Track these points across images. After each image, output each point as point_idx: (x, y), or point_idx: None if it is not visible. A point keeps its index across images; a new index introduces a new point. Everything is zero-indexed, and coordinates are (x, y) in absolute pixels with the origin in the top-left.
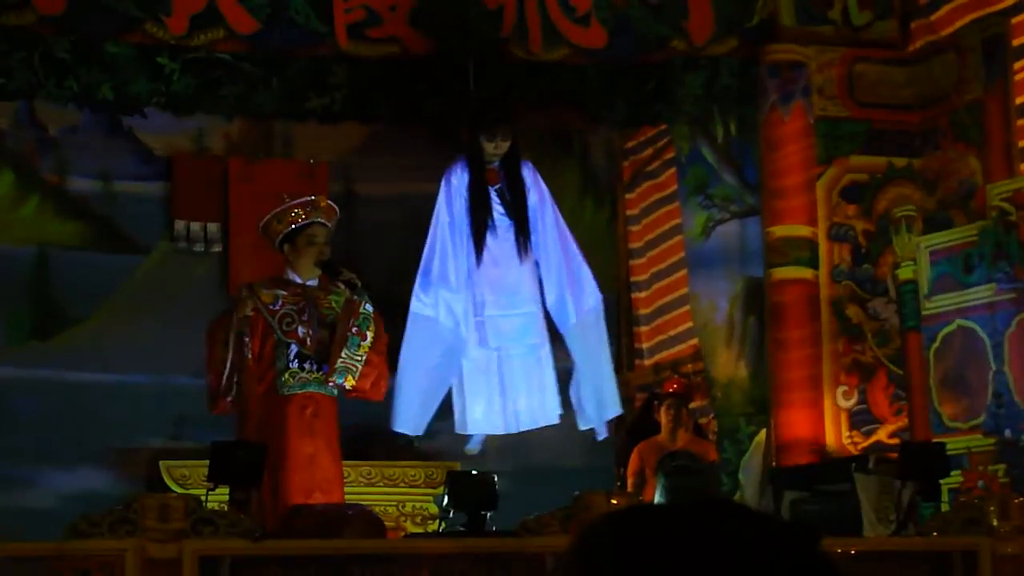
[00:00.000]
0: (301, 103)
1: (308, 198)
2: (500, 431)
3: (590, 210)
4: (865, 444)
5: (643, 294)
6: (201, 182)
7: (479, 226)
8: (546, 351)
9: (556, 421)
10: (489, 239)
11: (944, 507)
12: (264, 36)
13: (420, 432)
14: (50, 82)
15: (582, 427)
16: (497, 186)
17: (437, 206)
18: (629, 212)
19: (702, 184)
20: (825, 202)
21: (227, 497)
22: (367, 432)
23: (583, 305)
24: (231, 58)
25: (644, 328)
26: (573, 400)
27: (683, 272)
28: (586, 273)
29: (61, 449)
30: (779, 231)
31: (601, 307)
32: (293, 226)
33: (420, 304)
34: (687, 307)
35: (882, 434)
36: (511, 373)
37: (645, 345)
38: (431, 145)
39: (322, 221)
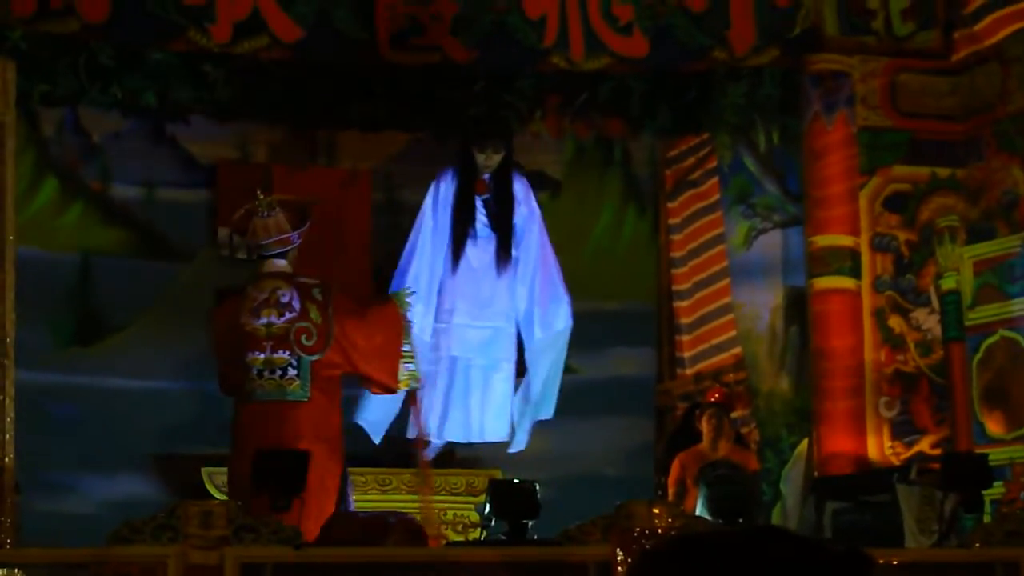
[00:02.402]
0: (343, 111)
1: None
2: (459, 439)
3: (632, 219)
4: (907, 455)
5: (685, 303)
6: (244, 190)
7: (459, 234)
8: (510, 370)
9: (504, 439)
10: (469, 248)
11: (986, 518)
12: (307, 44)
13: (379, 437)
14: (94, 89)
15: (514, 446)
16: (485, 196)
17: (422, 211)
18: (671, 221)
19: (744, 193)
20: (868, 212)
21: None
22: (409, 440)
23: (552, 326)
24: (274, 66)
25: (686, 337)
26: (514, 415)
27: (725, 281)
28: (561, 296)
29: (102, 455)
30: (821, 241)
31: (567, 334)
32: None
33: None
34: (729, 316)
35: (924, 445)
36: (467, 384)
37: (687, 354)
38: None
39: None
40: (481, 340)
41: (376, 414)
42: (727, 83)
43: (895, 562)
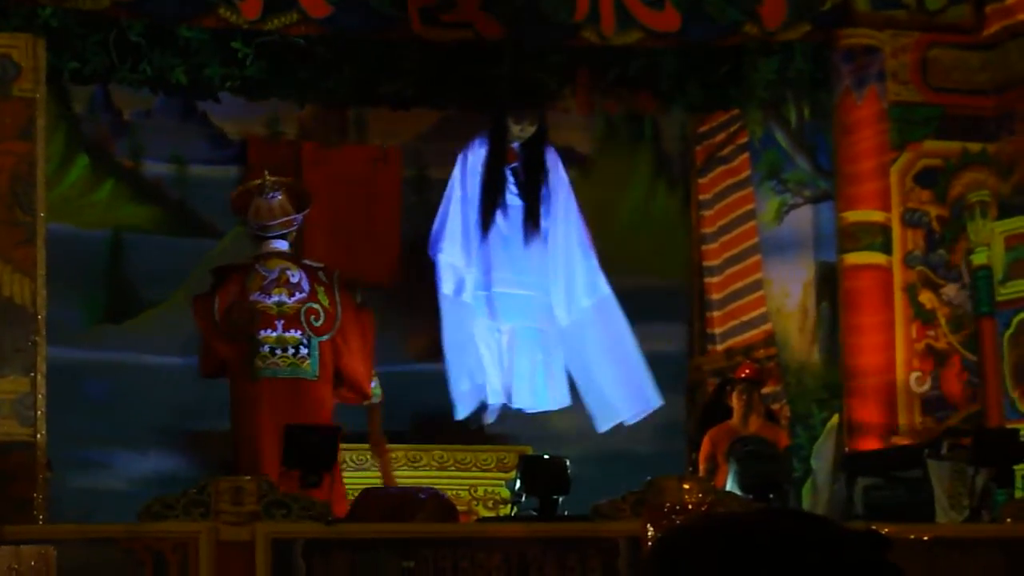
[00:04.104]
0: (374, 88)
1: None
2: (510, 405)
3: (662, 195)
4: (938, 430)
5: (716, 279)
6: (275, 166)
7: (489, 202)
8: (555, 337)
9: (567, 405)
10: (499, 217)
11: (1018, 493)
12: (337, 20)
13: (466, 412)
14: (124, 66)
15: (602, 428)
16: (513, 165)
17: (451, 181)
18: (702, 197)
19: (775, 169)
20: (899, 187)
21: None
22: (438, 416)
23: (594, 293)
24: (304, 42)
25: (716, 313)
26: (586, 400)
27: (756, 257)
28: (594, 264)
29: (134, 432)
30: (852, 216)
31: (605, 303)
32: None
33: (441, 288)
34: (760, 292)
35: (955, 420)
36: (516, 351)
37: (717, 330)
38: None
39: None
40: (519, 306)
41: (468, 386)
42: (758, 58)
43: (926, 537)
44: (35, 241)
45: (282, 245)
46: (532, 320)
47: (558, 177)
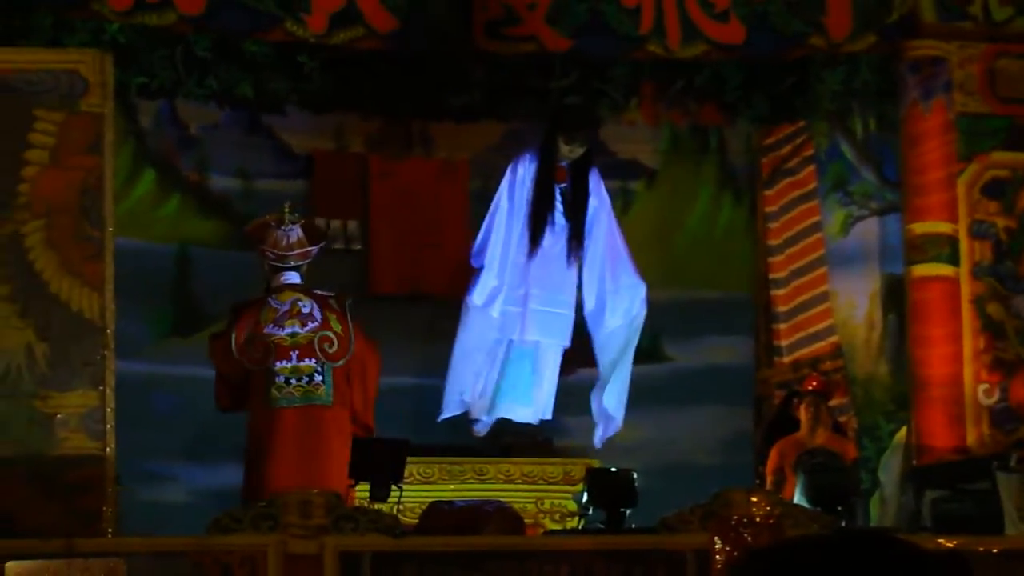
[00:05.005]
0: (439, 101)
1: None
2: (530, 420)
3: (728, 207)
4: (1007, 442)
5: (782, 291)
6: (341, 180)
7: (538, 220)
8: (559, 354)
9: (548, 418)
10: (547, 235)
11: None
12: (402, 34)
13: (485, 417)
14: (191, 81)
15: (599, 437)
16: (562, 185)
17: (498, 193)
18: (768, 209)
19: (841, 181)
20: (966, 199)
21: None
22: (506, 430)
23: (626, 313)
24: (370, 56)
25: (783, 325)
26: (593, 407)
27: (822, 269)
28: (635, 283)
29: (201, 446)
30: (919, 228)
31: (640, 321)
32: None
33: (473, 294)
34: (827, 304)
35: None
36: (542, 366)
37: (784, 342)
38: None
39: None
40: (552, 325)
41: (459, 395)
42: (824, 70)
43: (995, 550)
44: (103, 256)
45: (294, 277)
46: (562, 339)
47: (600, 198)
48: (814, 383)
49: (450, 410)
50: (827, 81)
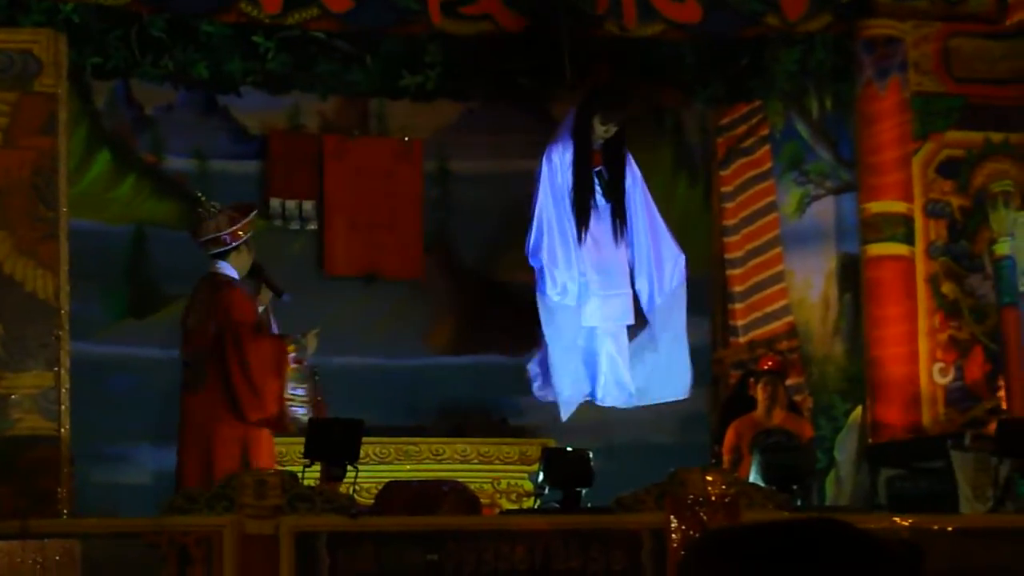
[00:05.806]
0: (395, 81)
1: (250, 215)
2: (621, 404)
3: (684, 187)
4: (961, 421)
5: (738, 271)
6: (296, 160)
7: (583, 206)
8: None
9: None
10: (593, 220)
11: None
12: (358, 14)
13: (568, 414)
14: (146, 61)
15: (635, 403)
16: (598, 168)
17: (540, 185)
18: (723, 189)
19: (797, 160)
20: (921, 178)
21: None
22: (461, 410)
23: (668, 285)
24: (325, 36)
25: (739, 305)
26: (641, 380)
27: (778, 249)
28: (675, 254)
29: (157, 427)
30: (875, 207)
31: (683, 286)
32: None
33: (547, 291)
34: (782, 284)
35: (978, 411)
36: (616, 349)
37: (740, 322)
38: (525, 122)
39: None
40: (614, 308)
41: (570, 391)
42: (779, 49)
43: (950, 528)
44: (58, 236)
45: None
46: (622, 320)
47: (634, 175)
48: (770, 363)
49: (569, 409)
50: (782, 61)
